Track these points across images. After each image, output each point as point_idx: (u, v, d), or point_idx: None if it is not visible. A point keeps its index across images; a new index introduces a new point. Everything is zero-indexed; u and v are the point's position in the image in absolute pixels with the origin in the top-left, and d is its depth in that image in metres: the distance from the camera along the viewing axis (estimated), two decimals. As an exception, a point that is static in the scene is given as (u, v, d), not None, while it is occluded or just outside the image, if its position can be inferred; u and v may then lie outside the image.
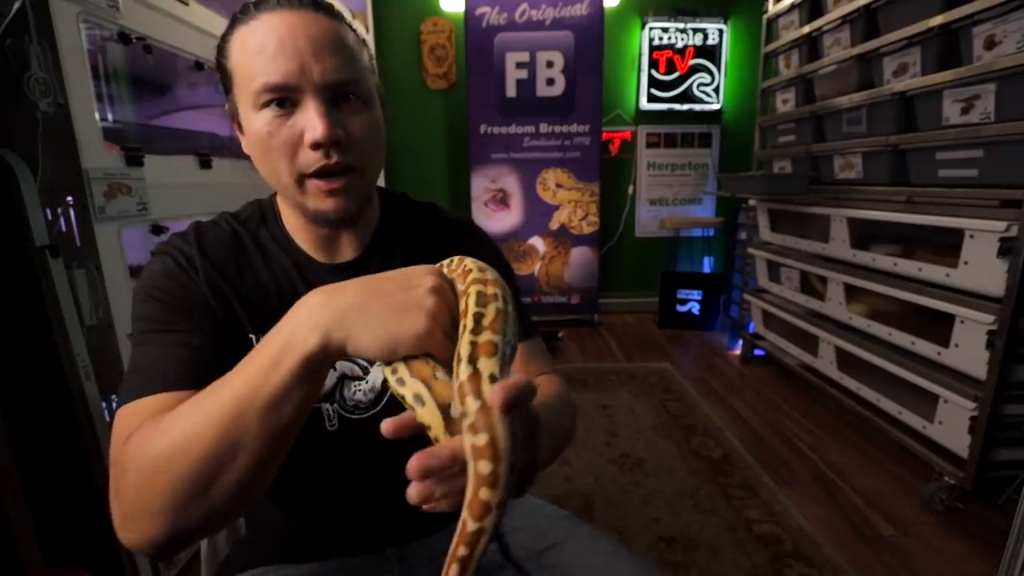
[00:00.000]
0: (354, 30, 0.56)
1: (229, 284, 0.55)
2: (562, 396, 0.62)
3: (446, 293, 0.40)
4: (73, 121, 1.00)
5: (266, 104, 0.50)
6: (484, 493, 0.31)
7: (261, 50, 0.49)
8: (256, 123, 0.51)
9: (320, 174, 0.52)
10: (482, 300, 0.38)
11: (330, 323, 0.37)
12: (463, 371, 0.34)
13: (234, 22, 0.52)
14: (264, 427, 0.38)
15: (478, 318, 0.37)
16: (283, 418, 0.38)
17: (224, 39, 0.53)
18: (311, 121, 0.50)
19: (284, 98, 0.50)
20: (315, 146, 0.50)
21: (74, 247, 1.03)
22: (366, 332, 0.37)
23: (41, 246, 0.95)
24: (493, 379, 0.33)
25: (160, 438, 0.39)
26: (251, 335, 0.56)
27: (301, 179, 0.52)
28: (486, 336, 0.36)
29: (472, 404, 0.31)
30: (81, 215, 1.03)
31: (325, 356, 0.38)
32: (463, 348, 0.35)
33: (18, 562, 0.94)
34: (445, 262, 0.46)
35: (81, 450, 1.02)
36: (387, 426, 0.35)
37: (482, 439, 0.30)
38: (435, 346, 0.38)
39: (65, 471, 1.03)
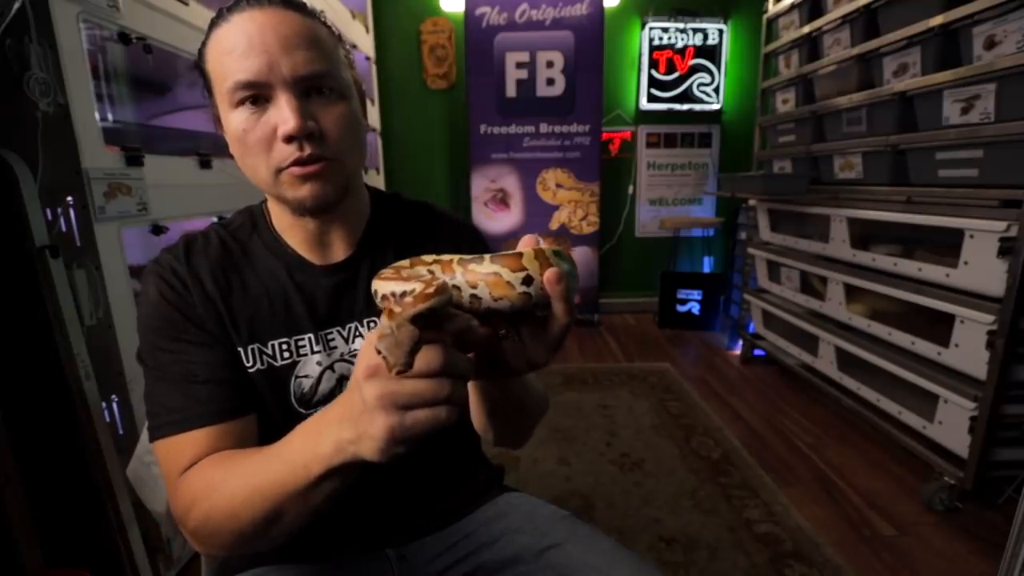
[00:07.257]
0: (328, 26, 0.57)
1: (219, 299, 0.57)
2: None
3: (381, 368, 0.36)
4: (73, 121, 0.99)
5: (240, 102, 0.52)
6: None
7: (231, 49, 0.50)
8: (233, 122, 0.52)
9: (295, 165, 0.52)
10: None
11: (346, 441, 0.40)
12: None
13: (210, 27, 0.53)
14: (300, 504, 0.45)
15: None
16: (317, 498, 0.44)
17: (203, 44, 0.54)
18: (283, 115, 0.51)
19: (257, 95, 0.51)
20: (288, 139, 0.51)
21: (74, 247, 1.03)
22: (365, 448, 0.39)
23: (41, 246, 0.95)
24: None
25: (212, 500, 0.48)
26: (239, 348, 0.57)
27: (278, 173, 0.53)
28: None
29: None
30: (81, 215, 1.03)
31: (344, 465, 0.41)
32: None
33: (18, 562, 0.94)
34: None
35: (81, 450, 1.02)
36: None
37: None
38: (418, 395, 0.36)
39: (65, 471, 1.03)
